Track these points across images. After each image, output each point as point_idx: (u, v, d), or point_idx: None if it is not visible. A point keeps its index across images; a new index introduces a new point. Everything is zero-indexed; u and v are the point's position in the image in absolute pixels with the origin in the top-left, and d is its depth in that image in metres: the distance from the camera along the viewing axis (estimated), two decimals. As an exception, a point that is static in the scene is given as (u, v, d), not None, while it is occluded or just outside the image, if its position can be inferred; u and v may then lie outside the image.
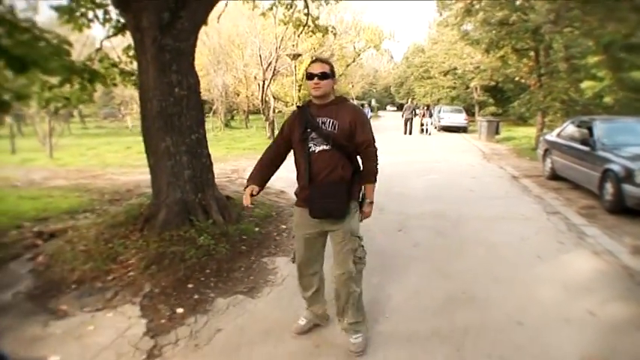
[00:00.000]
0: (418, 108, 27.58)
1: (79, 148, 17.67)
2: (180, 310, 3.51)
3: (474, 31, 16.48)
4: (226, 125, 27.65)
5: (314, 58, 2.94)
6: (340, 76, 28.31)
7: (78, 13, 6.01)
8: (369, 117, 3.25)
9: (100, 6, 5.89)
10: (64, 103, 6.12)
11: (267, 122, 18.70)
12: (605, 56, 12.66)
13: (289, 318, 3.30)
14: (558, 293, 3.90)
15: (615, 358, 2.94)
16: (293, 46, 19.50)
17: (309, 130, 2.78)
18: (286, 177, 3.97)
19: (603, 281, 4.22)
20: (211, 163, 5.28)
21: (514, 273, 4.36)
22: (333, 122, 2.78)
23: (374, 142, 2.88)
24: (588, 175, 7.63)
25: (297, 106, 3.01)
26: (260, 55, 17.88)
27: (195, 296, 3.75)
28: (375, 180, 2.91)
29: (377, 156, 2.90)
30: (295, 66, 19.17)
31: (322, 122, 2.78)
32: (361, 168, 2.93)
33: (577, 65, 12.55)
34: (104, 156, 14.96)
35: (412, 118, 23.56)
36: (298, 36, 11.59)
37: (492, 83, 25.14)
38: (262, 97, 18.85)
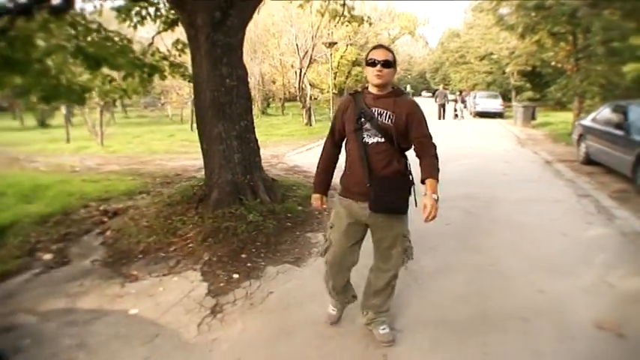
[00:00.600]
0: (452, 94, 27.93)
1: (125, 136, 18.59)
2: (236, 276, 4.01)
3: (510, 16, 16.41)
4: (263, 112, 28.28)
5: (375, 45, 2.71)
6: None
7: (133, 12, 6.53)
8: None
9: (152, 4, 6.37)
10: (121, 95, 6.68)
11: (304, 109, 19.17)
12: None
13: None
14: (580, 267, 4.19)
15: (627, 324, 3.25)
16: (328, 34, 19.81)
17: (363, 120, 2.64)
18: None
19: (626, 258, 4.48)
20: (258, 148, 5.76)
21: (539, 249, 4.66)
22: (389, 114, 2.62)
23: (431, 138, 2.71)
24: (622, 159, 7.73)
25: (350, 93, 2.83)
26: (297, 45, 18.27)
27: (249, 264, 4.24)
28: (438, 174, 2.63)
29: (436, 150, 2.70)
30: (331, 54, 19.49)
31: (378, 113, 2.63)
32: (409, 165, 2.77)
33: (616, 48, 12.41)
34: (149, 144, 15.73)
35: (445, 104, 24.10)
36: (335, 25, 11.89)
37: (528, 68, 24.79)
38: (299, 84, 19.29)
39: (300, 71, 19.25)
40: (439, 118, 23.44)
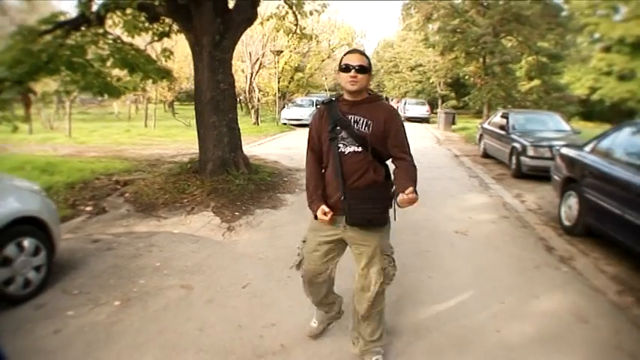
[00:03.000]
0: (386, 100, 31.42)
1: (81, 130, 19.61)
2: (237, 214, 6.08)
3: (432, 36, 19.36)
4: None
5: (350, 50, 2.58)
6: (315, 70, 30.91)
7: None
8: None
9: (154, 20, 8.12)
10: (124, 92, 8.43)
11: (253, 109, 21.22)
12: (535, 62, 15.62)
13: (299, 219, 5.81)
14: (456, 210, 6.62)
15: (474, 229, 5.64)
16: (274, 44, 21.93)
17: (338, 128, 2.49)
18: (278, 153, 6.46)
19: (486, 207, 6.97)
20: (240, 134, 7.80)
21: (434, 202, 7.03)
22: (366, 122, 2.47)
23: (409, 149, 2.57)
24: (503, 151, 10.47)
25: (323, 102, 2.65)
26: (250, 52, 20.28)
27: (243, 208, 6.32)
28: (415, 184, 2.41)
29: (415, 167, 2.54)
30: (277, 61, 21.64)
31: (354, 121, 2.48)
32: (392, 175, 2.60)
33: (509, 69, 15.54)
34: (112, 137, 17.05)
35: None
36: (288, 40, 13.89)
37: (449, 80, 28.32)
38: (249, 87, 21.28)
39: (251, 75, 21.28)
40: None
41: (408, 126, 16.49)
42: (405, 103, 30.61)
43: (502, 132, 10.79)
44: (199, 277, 4.13)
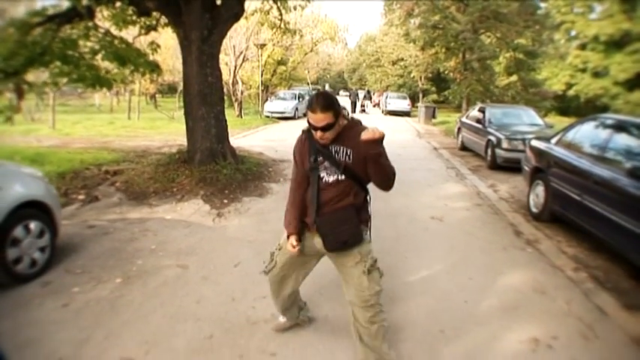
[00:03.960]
0: (360, 92, 34.52)
1: (64, 122, 19.56)
2: (225, 201, 6.39)
3: (413, 31, 19.78)
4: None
5: (313, 103, 2.39)
6: (298, 63, 31.15)
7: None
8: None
9: (143, 14, 8.32)
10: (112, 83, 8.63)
11: (237, 102, 21.41)
12: (513, 58, 16.13)
13: (284, 206, 6.14)
14: (433, 199, 7.03)
15: (448, 216, 6.04)
16: (257, 36, 22.11)
17: (320, 158, 2.50)
18: (262, 145, 6.77)
19: (461, 196, 7.39)
20: (227, 126, 8.08)
21: (413, 191, 7.43)
22: (346, 151, 2.46)
23: (393, 169, 2.48)
24: (479, 144, 10.93)
25: (303, 130, 2.62)
26: (234, 46, 20.43)
27: (231, 196, 6.63)
28: (389, 175, 2.46)
29: (394, 175, 2.49)
30: (260, 54, 21.84)
31: (335, 151, 2.48)
32: (368, 198, 2.65)
33: (487, 64, 16.06)
34: (96, 129, 17.11)
35: (356, 101, 30.45)
36: (273, 33, 14.09)
37: (429, 75, 28.93)
38: (232, 80, 21.44)
39: (235, 69, 21.45)
40: (352, 112, 27.14)
41: (389, 119, 17.12)
42: (386, 97, 31.11)
43: (479, 125, 11.24)
44: (193, 258, 4.45)
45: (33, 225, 3.97)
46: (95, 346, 3.00)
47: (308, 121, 2.43)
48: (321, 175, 2.51)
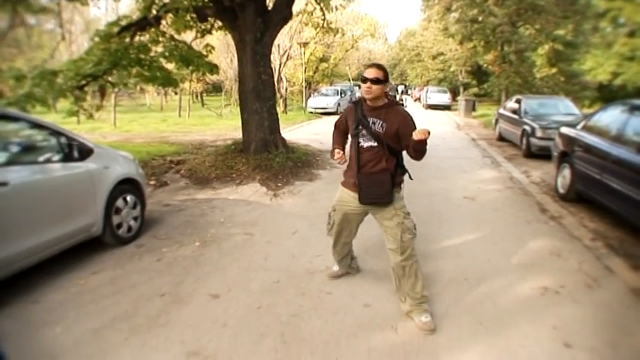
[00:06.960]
0: (411, 88, 34.32)
1: (121, 121, 21.03)
2: (279, 185, 7.22)
3: (452, 26, 20.12)
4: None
5: (371, 62, 3.09)
6: (339, 60, 31.87)
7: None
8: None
9: (203, 20, 9.24)
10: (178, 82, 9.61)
11: (281, 99, 22.40)
12: (552, 50, 16.29)
13: (332, 188, 6.87)
14: (467, 182, 7.63)
15: (480, 196, 6.65)
16: (300, 35, 23.00)
17: (360, 127, 3.08)
18: (308, 137, 7.49)
19: (494, 180, 7.94)
20: (278, 118, 8.91)
21: (449, 176, 8.03)
22: (381, 124, 3.02)
23: (426, 148, 2.98)
24: (515, 134, 11.36)
25: (352, 102, 3.28)
26: (278, 45, 21.40)
27: (284, 180, 7.46)
28: (421, 153, 3.02)
29: (426, 151, 3.00)
30: (303, 52, 22.70)
31: (372, 122, 3.05)
32: (400, 163, 3.20)
33: (525, 56, 16.27)
34: (150, 126, 18.40)
35: (395, 95, 29.94)
36: (316, 33, 14.82)
37: (468, 68, 28.97)
38: (277, 78, 22.41)
39: (280, 66, 22.43)
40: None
41: (430, 113, 17.86)
42: (427, 91, 31.37)
43: (515, 116, 11.65)
44: (257, 228, 5.27)
45: (129, 198, 4.89)
46: (188, 286, 3.83)
47: (362, 78, 3.03)
48: (360, 140, 3.09)
